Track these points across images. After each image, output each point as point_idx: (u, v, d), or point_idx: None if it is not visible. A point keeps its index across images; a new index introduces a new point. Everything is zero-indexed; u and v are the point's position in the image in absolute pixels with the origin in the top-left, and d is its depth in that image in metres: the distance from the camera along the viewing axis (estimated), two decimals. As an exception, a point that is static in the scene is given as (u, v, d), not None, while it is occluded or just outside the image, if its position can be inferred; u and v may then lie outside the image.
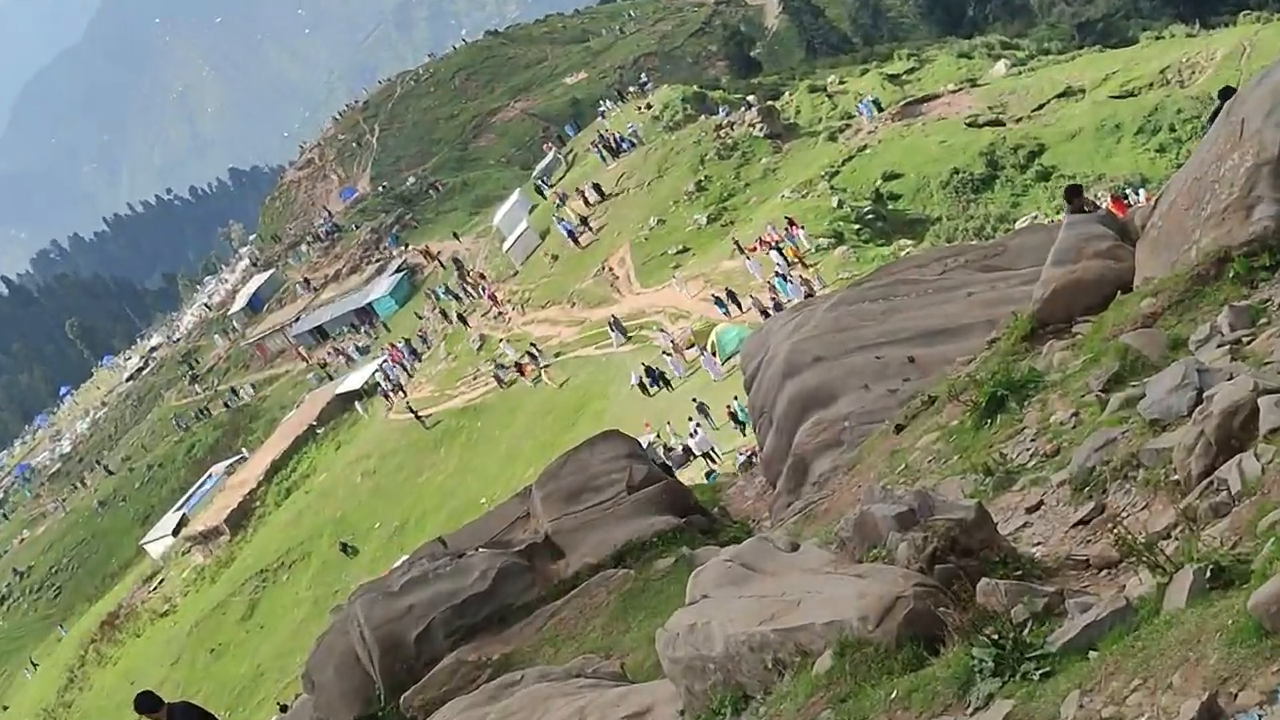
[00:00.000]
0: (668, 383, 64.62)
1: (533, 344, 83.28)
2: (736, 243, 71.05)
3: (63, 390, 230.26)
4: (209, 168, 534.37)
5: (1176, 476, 9.17)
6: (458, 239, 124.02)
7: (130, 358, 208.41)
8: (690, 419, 56.14)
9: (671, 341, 65.00)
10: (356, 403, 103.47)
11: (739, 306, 63.30)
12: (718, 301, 64.66)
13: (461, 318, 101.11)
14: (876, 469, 15.52)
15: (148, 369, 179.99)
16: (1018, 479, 11.59)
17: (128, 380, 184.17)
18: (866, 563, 9.91)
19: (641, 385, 65.69)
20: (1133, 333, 12.56)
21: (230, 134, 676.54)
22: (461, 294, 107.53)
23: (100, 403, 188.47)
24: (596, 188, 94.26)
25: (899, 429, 16.44)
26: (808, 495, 18.32)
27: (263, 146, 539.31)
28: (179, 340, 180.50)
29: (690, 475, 44.09)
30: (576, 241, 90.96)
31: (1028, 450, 12.21)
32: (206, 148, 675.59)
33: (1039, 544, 10.08)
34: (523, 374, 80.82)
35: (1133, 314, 13.28)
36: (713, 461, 51.84)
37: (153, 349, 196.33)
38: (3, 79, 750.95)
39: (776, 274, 62.77)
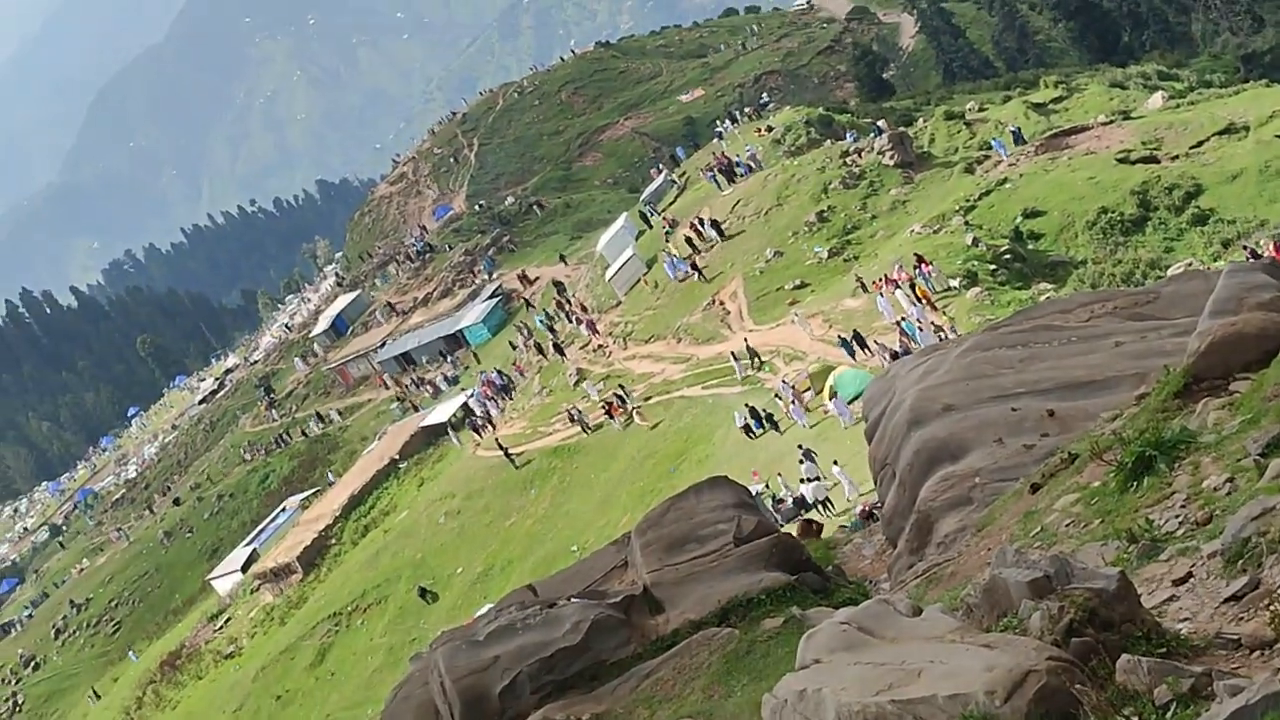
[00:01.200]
0: (775, 425, 64.61)
1: (621, 384, 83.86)
2: (860, 280, 70.91)
3: (131, 412, 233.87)
4: (295, 179, 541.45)
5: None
6: (564, 261, 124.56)
7: (204, 379, 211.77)
8: (801, 463, 56.09)
9: (788, 384, 64.66)
10: (446, 436, 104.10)
11: (865, 349, 63.01)
12: (843, 343, 64.23)
13: (559, 348, 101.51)
14: (1009, 531, 15.45)
15: (222, 392, 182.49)
16: (1165, 548, 11.50)
17: (200, 403, 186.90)
18: (995, 632, 9.88)
19: (746, 428, 65.73)
20: (1298, 393, 12.44)
21: (319, 144, 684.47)
22: (560, 322, 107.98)
23: (170, 426, 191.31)
24: (714, 224, 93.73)
25: (1035, 488, 16.35)
26: (932, 556, 18.26)
27: (353, 158, 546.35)
28: (256, 362, 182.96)
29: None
30: (699, 273, 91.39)
31: (1177, 517, 12.11)
32: (293, 158, 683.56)
33: (1186, 620, 10.00)
34: (611, 416, 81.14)
35: (1299, 373, 13.15)
36: (826, 512, 51.59)
37: (228, 371, 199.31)
38: (80, 80, 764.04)
39: (903, 318, 62.48)
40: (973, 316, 59.11)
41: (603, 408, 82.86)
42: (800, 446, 57.48)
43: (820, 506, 52.46)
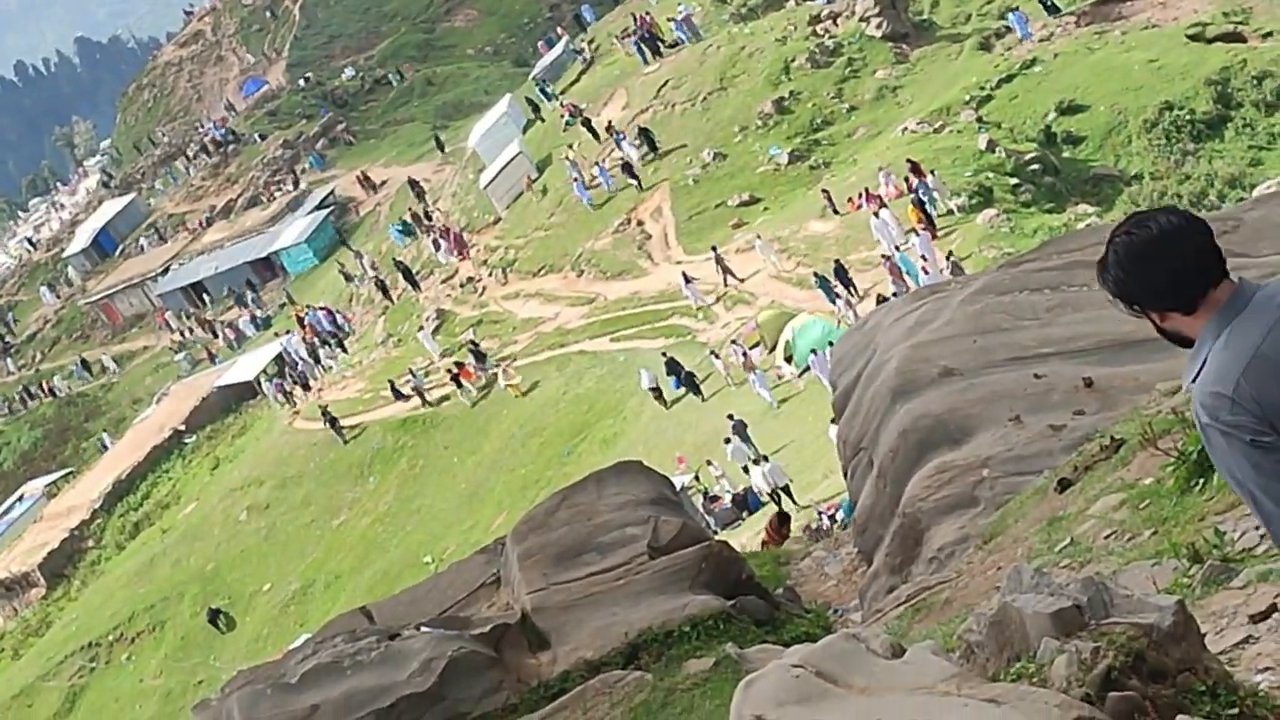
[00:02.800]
0: (697, 389, 65.32)
1: (473, 341, 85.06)
2: (828, 195, 70.97)
3: None
4: (45, 37, 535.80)
5: None
6: (440, 148, 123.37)
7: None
8: (727, 441, 56.32)
9: (738, 346, 64.21)
10: (253, 399, 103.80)
11: (852, 290, 62.42)
12: (822, 283, 63.34)
13: (411, 278, 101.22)
14: (1026, 543, 15.55)
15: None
16: (1239, 571, 11.58)
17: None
18: (1005, 682, 9.95)
19: (656, 391, 66.47)
20: None
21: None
22: (416, 242, 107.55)
23: None
24: (645, 134, 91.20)
25: (1064, 485, 16.47)
26: (921, 576, 18.38)
27: (128, 8, 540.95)
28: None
29: (743, 542, 44.17)
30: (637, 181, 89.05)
31: (1257, 528, 12.20)
32: (44, 5, 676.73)
33: (1268, 669, 10.09)
34: (459, 382, 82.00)
35: None
36: (790, 505, 51.45)
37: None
38: None
39: (898, 247, 62.25)
40: (984, 249, 59.45)
41: (448, 371, 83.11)
42: (731, 418, 57.57)
43: (781, 496, 52.38)
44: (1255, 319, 6.56)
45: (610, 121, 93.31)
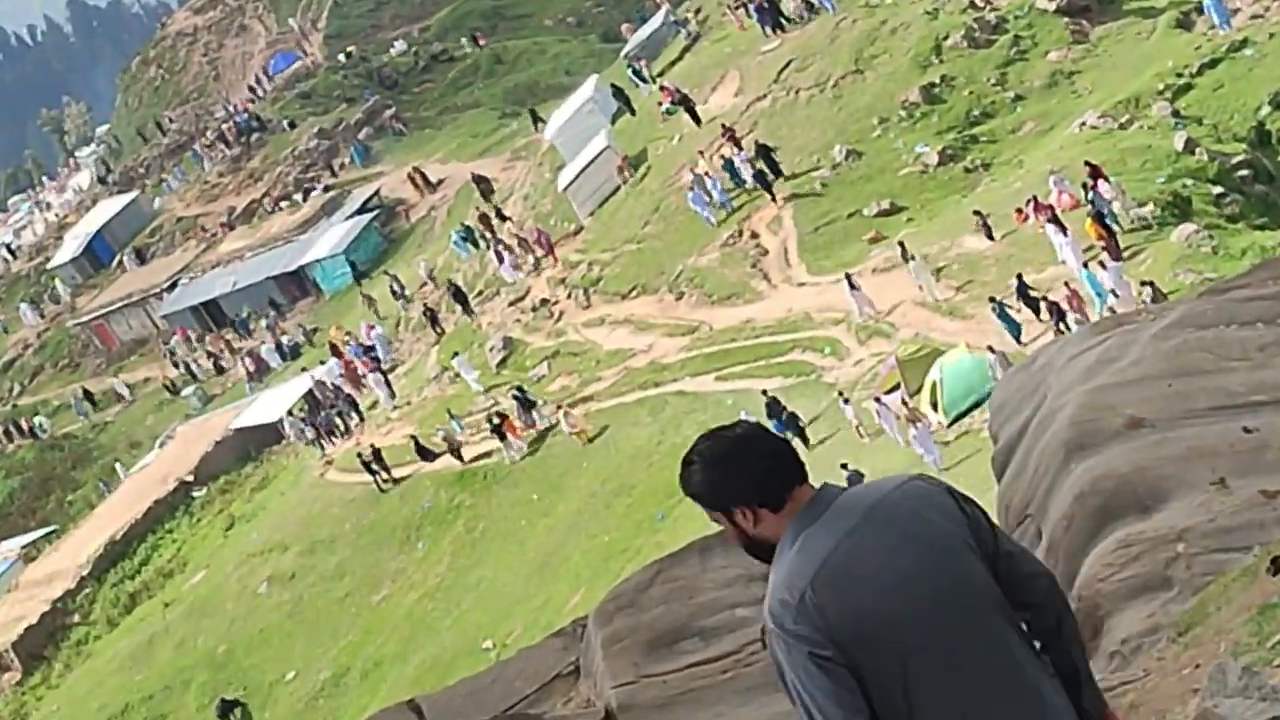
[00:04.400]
0: (803, 434, 65.81)
1: (519, 386, 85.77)
2: (981, 217, 70.69)
3: None
4: (31, 1, 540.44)
5: None
6: (536, 122, 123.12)
7: None
8: None
9: (885, 405, 63.48)
10: (278, 445, 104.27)
11: (1041, 318, 61.35)
12: (999, 311, 62.70)
13: (463, 301, 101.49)
14: (1231, 635, 15.48)
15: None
16: None
17: None
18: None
19: None
20: None
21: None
22: (481, 254, 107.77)
23: None
24: (765, 152, 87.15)
25: (1278, 566, 16.41)
26: (1100, 675, 18.31)
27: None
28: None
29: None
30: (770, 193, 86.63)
31: None
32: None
33: None
34: (502, 436, 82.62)
35: None
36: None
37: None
38: None
39: (1090, 262, 61.66)
40: (1181, 272, 59.22)
41: (489, 421, 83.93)
42: (844, 467, 57.60)
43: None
44: (831, 526, 7.27)
45: (724, 129, 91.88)
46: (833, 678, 7.00)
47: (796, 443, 64.48)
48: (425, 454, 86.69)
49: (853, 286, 70.81)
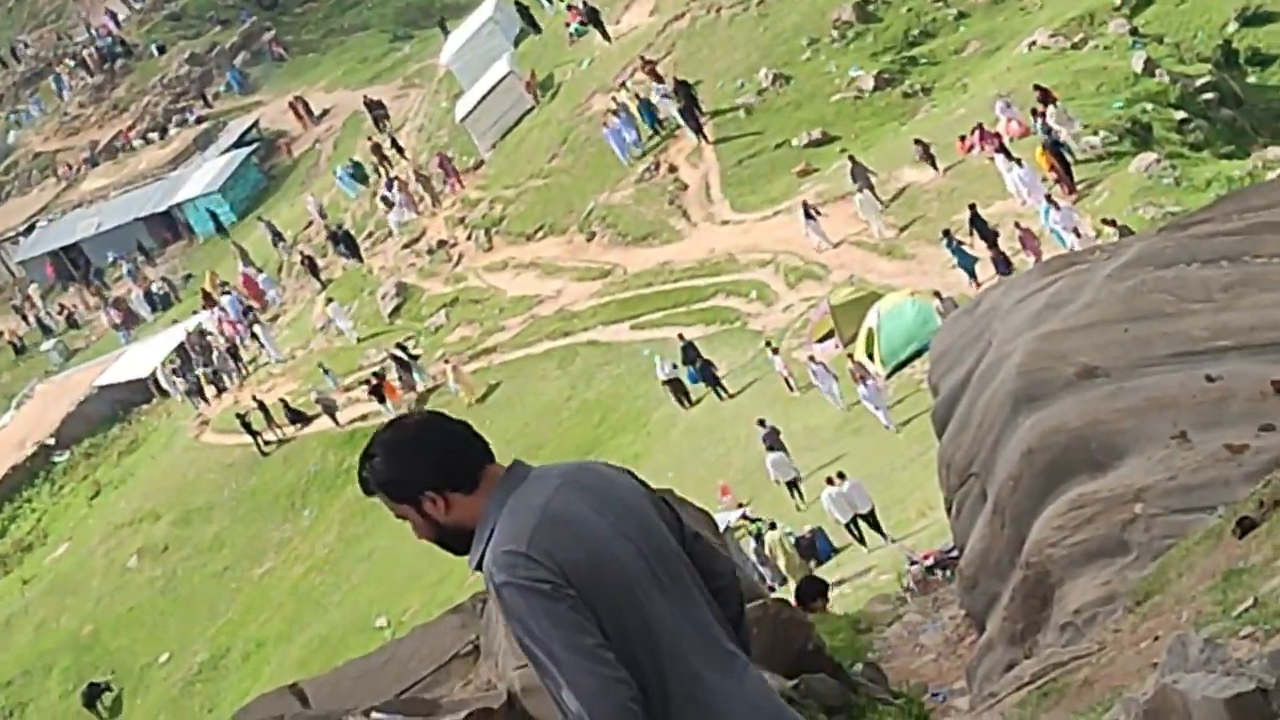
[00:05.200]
0: (718, 383, 67.37)
1: (399, 344, 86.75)
2: (923, 146, 70.85)
3: None
4: None
5: None
6: (444, 29, 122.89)
7: None
8: (772, 450, 56.91)
9: (818, 362, 63.73)
10: (149, 403, 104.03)
11: (997, 251, 61.23)
12: (953, 246, 62.43)
13: (350, 243, 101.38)
14: (1194, 604, 15.57)
15: None
16: None
17: None
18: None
19: (676, 383, 68.57)
20: None
21: None
22: (372, 189, 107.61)
23: None
24: (684, 89, 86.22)
25: (1245, 527, 16.47)
26: (1050, 648, 18.40)
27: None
28: None
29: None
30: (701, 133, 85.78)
31: None
32: None
33: None
34: (381, 398, 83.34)
35: None
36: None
37: None
38: None
39: (1047, 198, 61.73)
40: (1140, 206, 59.46)
41: (366, 383, 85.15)
42: (762, 423, 58.09)
43: (863, 527, 52.72)
44: (537, 487, 7.67)
45: (643, 61, 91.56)
46: (579, 613, 7.33)
47: (713, 391, 65.15)
48: (297, 417, 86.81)
49: (809, 216, 70.83)
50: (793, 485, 58.03)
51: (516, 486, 7.61)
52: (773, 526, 54.16)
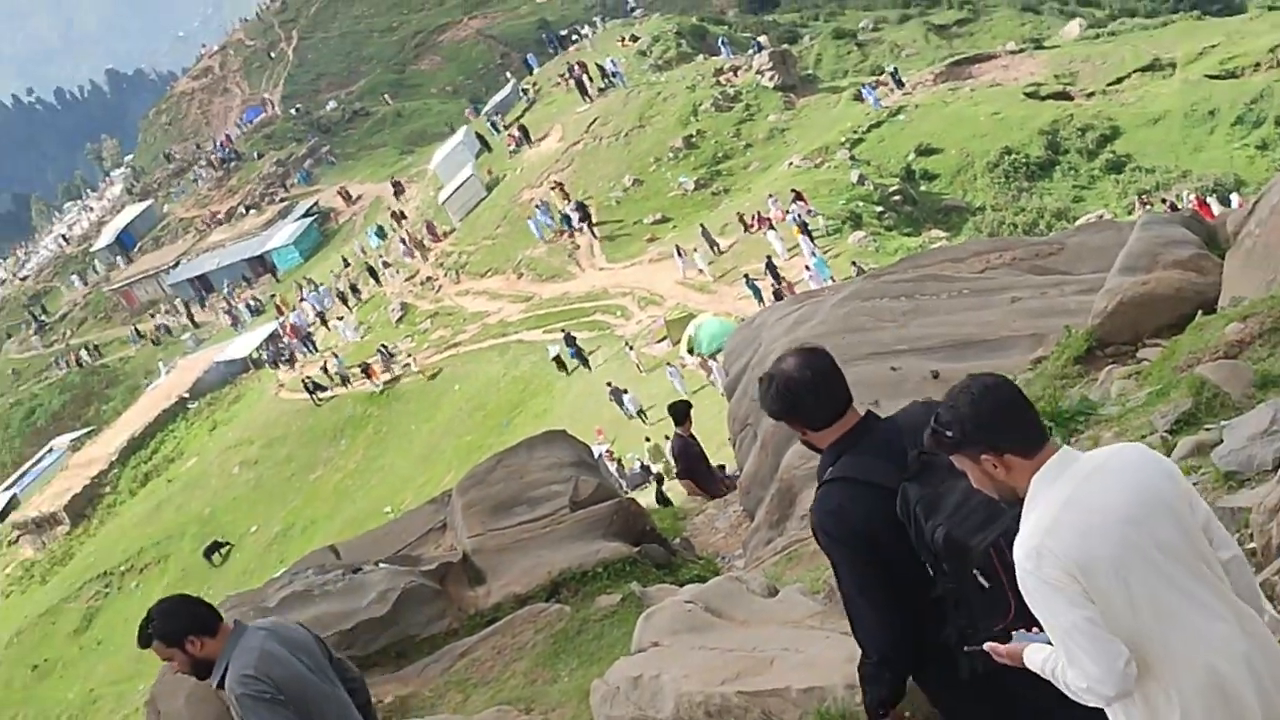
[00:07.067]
0: (585, 360, 67.86)
1: (383, 344, 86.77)
2: (741, 217, 70.79)
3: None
4: (81, 67, 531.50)
5: (1253, 545, 9.09)
6: (399, 195, 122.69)
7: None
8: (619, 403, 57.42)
9: (675, 370, 63.08)
10: (246, 372, 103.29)
11: (778, 286, 61.00)
12: (749, 281, 62.00)
13: (374, 274, 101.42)
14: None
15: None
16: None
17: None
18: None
19: (559, 360, 69.04)
20: (1212, 364, 12.50)
21: (112, 28, 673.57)
22: (390, 244, 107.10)
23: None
24: (582, 209, 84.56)
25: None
26: (794, 531, 18.24)
27: (151, 46, 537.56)
28: (27, 278, 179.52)
29: (648, 501, 44.18)
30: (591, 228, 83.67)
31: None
32: (81, 42, 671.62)
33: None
34: (368, 376, 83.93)
35: (1214, 341, 13.22)
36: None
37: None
38: None
39: (814, 253, 61.69)
40: (855, 263, 59.36)
41: (360, 368, 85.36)
42: (608, 385, 58.20)
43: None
44: (254, 637, 7.83)
45: (556, 184, 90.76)
46: (286, 709, 7.52)
47: (578, 363, 65.68)
48: (312, 388, 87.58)
49: (680, 254, 70.52)
50: (641, 413, 58.48)
51: (242, 635, 7.68)
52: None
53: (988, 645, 5.63)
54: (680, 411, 26.12)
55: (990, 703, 6.04)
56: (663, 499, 34.31)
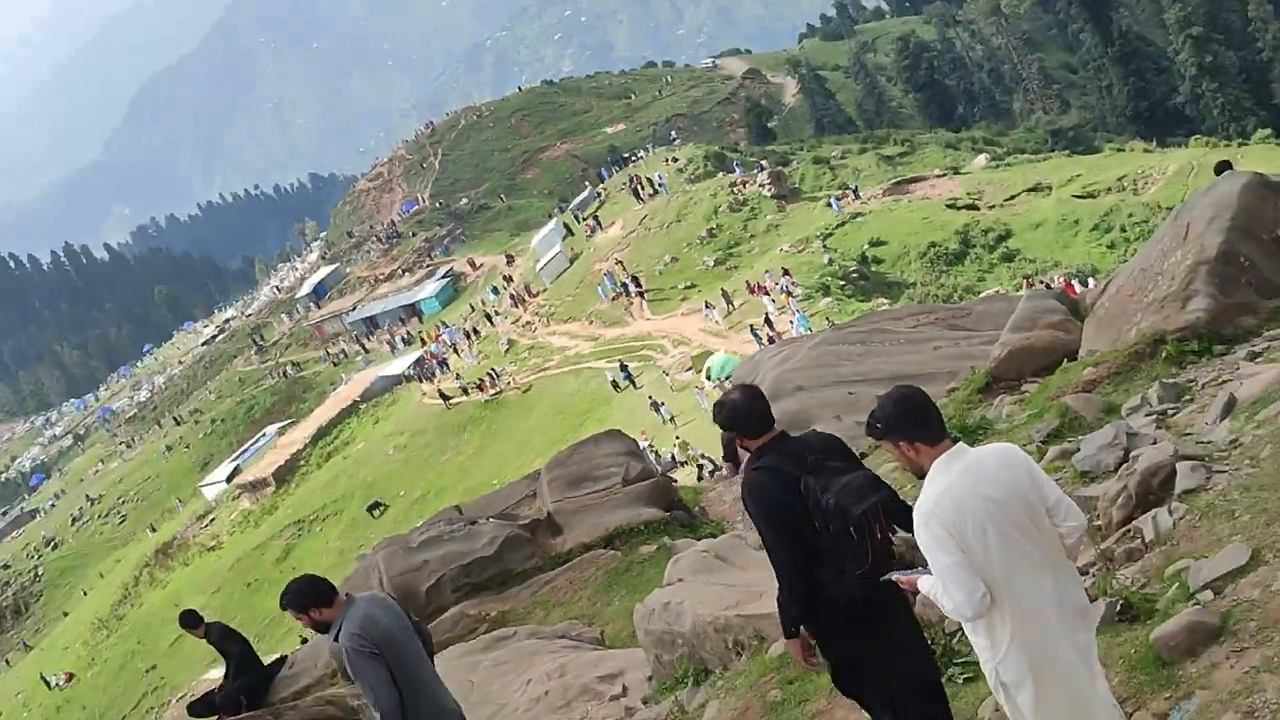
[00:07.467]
0: (633, 380, 67.56)
1: (492, 369, 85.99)
2: (749, 284, 70.64)
3: (146, 348, 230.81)
4: (293, 171, 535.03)
5: (1099, 522, 9.12)
6: (510, 263, 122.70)
7: (207, 326, 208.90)
8: (656, 410, 58.50)
9: (702, 391, 62.52)
10: (400, 384, 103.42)
11: (772, 334, 61.04)
12: (753, 332, 61.81)
13: (489, 317, 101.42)
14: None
15: (221, 337, 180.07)
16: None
17: (203, 345, 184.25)
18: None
19: (615, 382, 68.58)
20: (1074, 395, 12.53)
21: (314, 145, 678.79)
22: (502, 297, 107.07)
23: (177, 361, 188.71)
24: (636, 280, 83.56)
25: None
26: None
27: (341, 158, 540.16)
28: (250, 315, 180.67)
29: (678, 481, 44.05)
30: (641, 295, 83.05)
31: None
32: (292, 154, 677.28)
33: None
34: (483, 390, 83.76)
35: (1075, 380, 13.24)
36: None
37: (227, 320, 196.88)
38: (125, 77, 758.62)
39: (799, 311, 61.50)
40: (827, 320, 59.20)
41: (476, 384, 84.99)
42: (650, 399, 58.11)
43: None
44: (362, 605, 7.70)
45: (617, 260, 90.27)
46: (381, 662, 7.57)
47: (629, 384, 65.44)
48: (444, 396, 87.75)
49: (708, 306, 70.61)
50: (673, 420, 58.15)
51: (351, 605, 7.56)
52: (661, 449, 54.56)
53: (894, 575, 5.90)
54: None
55: (853, 624, 6.31)
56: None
